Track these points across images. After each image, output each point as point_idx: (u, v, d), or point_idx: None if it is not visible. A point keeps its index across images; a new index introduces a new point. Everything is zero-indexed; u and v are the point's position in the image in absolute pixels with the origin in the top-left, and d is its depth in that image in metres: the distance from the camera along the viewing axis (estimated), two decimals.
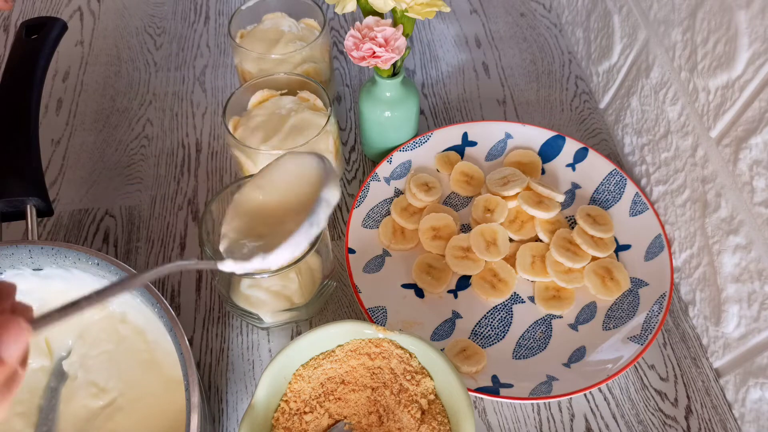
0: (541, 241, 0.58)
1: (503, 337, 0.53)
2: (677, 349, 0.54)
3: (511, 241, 0.58)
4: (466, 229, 0.60)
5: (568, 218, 0.60)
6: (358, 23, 0.53)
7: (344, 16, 0.81)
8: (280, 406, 0.45)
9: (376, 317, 0.52)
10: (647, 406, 0.51)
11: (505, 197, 0.59)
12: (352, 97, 0.73)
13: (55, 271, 0.47)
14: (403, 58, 0.55)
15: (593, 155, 0.62)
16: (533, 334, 0.54)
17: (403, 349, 0.46)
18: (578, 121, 0.70)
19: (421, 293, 0.56)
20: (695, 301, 0.55)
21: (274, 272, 0.46)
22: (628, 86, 0.64)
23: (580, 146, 0.63)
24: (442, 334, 0.53)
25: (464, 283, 0.56)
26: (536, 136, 0.64)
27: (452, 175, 0.63)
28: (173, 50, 0.77)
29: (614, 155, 0.67)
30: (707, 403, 0.51)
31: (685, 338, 0.55)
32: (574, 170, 0.63)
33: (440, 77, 0.75)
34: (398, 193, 0.62)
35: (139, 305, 0.47)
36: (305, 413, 0.45)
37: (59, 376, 0.48)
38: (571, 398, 0.51)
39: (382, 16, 0.53)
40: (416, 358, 0.46)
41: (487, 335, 0.53)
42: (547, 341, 0.53)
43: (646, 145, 0.61)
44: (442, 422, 0.44)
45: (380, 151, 0.64)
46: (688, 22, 0.52)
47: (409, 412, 0.44)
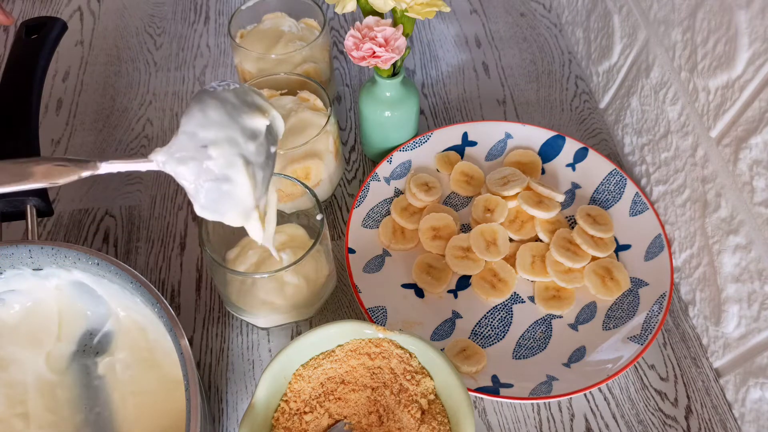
0: (541, 241, 0.58)
1: (503, 337, 0.53)
2: (677, 349, 0.54)
3: (511, 241, 0.58)
4: (466, 229, 0.60)
5: (568, 218, 0.60)
6: (358, 23, 0.53)
7: (344, 16, 0.81)
8: (280, 406, 0.45)
9: (376, 317, 0.52)
10: (647, 406, 0.51)
11: (505, 197, 0.59)
12: (352, 97, 0.73)
13: (55, 271, 0.47)
14: (403, 58, 0.55)
15: (593, 155, 0.62)
16: (533, 334, 0.54)
17: (403, 349, 0.46)
18: (578, 121, 0.70)
19: (421, 293, 0.56)
20: (695, 301, 0.55)
21: (274, 272, 0.46)
22: (628, 86, 0.64)
23: (580, 146, 0.63)
24: (442, 334, 0.53)
25: (464, 283, 0.56)
26: (536, 136, 0.64)
27: (452, 175, 0.63)
28: (173, 50, 0.77)
29: (614, 155, 0.67)
30: (707, 403, 0.51)
31: (685, 338, 0.55)
32: (574, 170, 0.63)
33: (440, 77, 0.75)
34: (398, 193, 0.62)
35: (138, 305, 0.47)
36: (305, 413, 0.45)
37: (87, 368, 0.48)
38: (571, 398, 0.51)
39: (382, 16, 0.53)
40: (416, 358, 0.46)
41: (487, 335, 0.53)
42: (547, 341, 0.53)
43: (646, 145, 0.61)
44: (442, 422, 0.44)
45: (380, 151, 0.64)
46: (688, 22, 0.52)
47: (409, 412, 0.44)
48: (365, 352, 0.47)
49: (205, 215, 0.37)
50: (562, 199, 0.58)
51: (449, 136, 0.65)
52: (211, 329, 0.55)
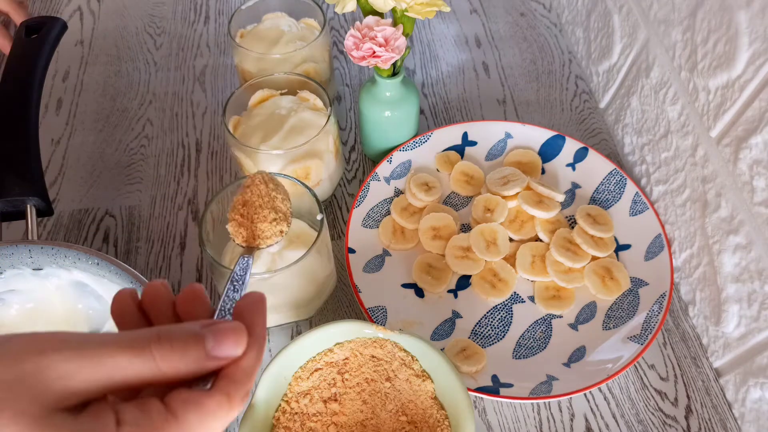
0: (541, 240, 0.58)
1: (503, 336, 0.53)
2: (677, 348, 0.54)
3: (511, 240, 0.58)
4: (466, 228, 0.60)
5: (568, 218, 0.60)
6: (358, 23, 0.53)
7: (344, 15, 0.81)
8: (280, 405, 0.45)
9: (376, 317, 0.52)
10: (647, 405, 0.51)
11: (505, 197, 0.59)
12: (352, 97, 0.73)
13: (55, 271, 0.47)
14: (403, 57, 0.55)
15: (593, 155, 0.62)
16: (533, 333, 0.54)
17: (405, 351, 0.47)
18: (578, 120, 0.70)
19: (421, 293, 0.56)
20: (695, 300, 0.55)
21: (274, 272, 0.46)
22: (628, 86, 0.64)
23: (580, 146, 0.63)
24: (442, 333, 0.53)
25: (464, 282, 0.56)
26: (536, 135, 0.64)
27: (452, 174, 0.63)
28: (173, 50, 0.77)
29: (614, 155, 0.67)
30: (707, 402, 0.51)
31: (685, 338, 0.55)
32: (574, 170, 0.63)
33: (440, 77, 0.75)
34: (398, 192, 0.62)
35: None
36: (306, 413, 0.45)
37: None
38: (571, 398, 0.51)
39: (382, 15, 0.53)
40: (416, 359, 0.46)
41: (487, 335, 0.53)
42: (547, 341, 0.53)
43: (646, 144, 0.61)
44: (442, 422, 0.44)
45: (380, 150, 0.64)
46: (688, 21, 0.52)
47: (410, 411, 0.44)
48: (366, 352, 0.47)
49: None
50: (562, 198, 0.58)
51: (449, 135, 0.65)
52: None
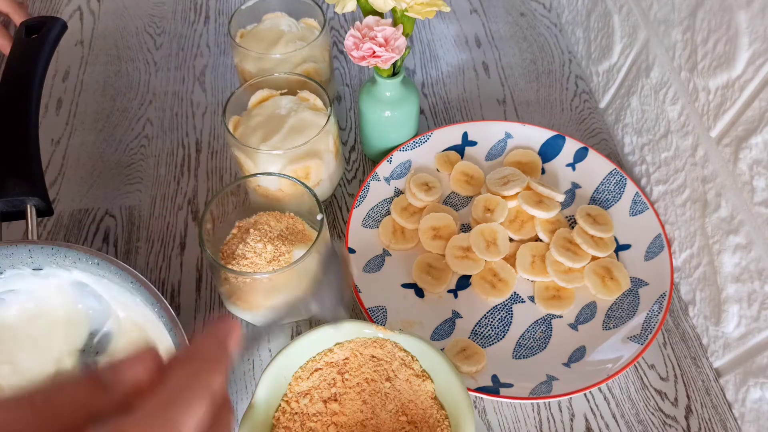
0: (541, 240, 0.58)
1: (503, 336, 0.53)
2: (677, 348, 0.54)
3: (511, 240, 0.58)
4: (466, 228, 0.60)
5: (568, 218, 0.60)
6: (358, 23, 0.53)
7: (344, 15, 0.81)
8: (280, 405, 0.45)
9: (376, 317, 0.52)
10: (647, 405, 0.51)
11: (505, 197, 0.59)
12: (352, 97, 0.73)
13: (55, 271, 0.47)
14: (403, 57, 0.55)
15: (593, 155, 0.62)
16: (533, 333, 0.54)
17: (405, 351, 0.47)
18: (578, 120, 0.70)
19: (421, 293, 0.56)
20: (695, 300, 0.55)
21: (273, 272, 0.46)
22: (628, 86, 0.64)
23: (580, 146, 0.63)
24: (442, 333, 0.53)
25: (464, 282, 0.56)
26: (536, 135, 0.64)
27: (452, 174, 0.63)
28: (173, 50, 0.77)
29: (614, 155, 0.67)
30: (707, 402, 0.51)
31: (685, 338, 0.55)
32: (574, 170, 0.63)
33: (440, 77, 0.75)
34: (398, 192, 0.62)
35: (138, 305, 0.47)
36: (306, 413, 0.45)
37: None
38: (571, 398, 0.51)
39: (382, 15, 0.53)
40: (416, 359, 0.46)
41: (487, 335, 0.53)
42: (547, 341, 0.53)
43: (646, 144, 0.61)
44: (442, 422, 0.44)
45: (380, 150, 0.64)
46: (688, 21, 0.52)
47: (410, 411, 0.44)
48: (366, 352, 0.47)
49: None
50: (562, 198, 0.58)
51: (449, 135, 0.65)
52: None
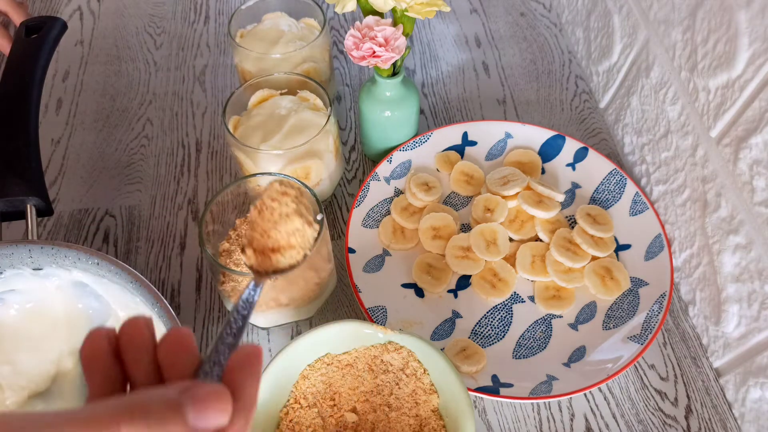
0: (541, 240, 0.58)
1: (503, 336, 0.53)
2: (677, 348, 0.54)
3: (511, 240, 0.58)
4: (466, 228, 0.60)
5: (568, 218, 0.60)
6: (358, 23, 0.53)
7: (344, 15, 0.81)
8: (284, 406, 0.45)
9: (376, 317, 0.52)
10: (647, 405, 0.51)
11: (505, 197, 0.59)
12: (352, 96, 0.73)
13: (55, 271, 0.47)
14: (403, 57, 0.55)
15: (593, 155, 0.62)
16: (533, 333, 0.54)
17: (404, 349, 0.46)
18: (578, 120, 0.70)
19: (421, 293, 0.56)
20: (695, 300, 0.55)
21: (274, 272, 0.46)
22: (628, 86, 0.64)
23: (580, 146, 0.63)
24: (442, 333, 0.53)
25: (464, 282, 0.56)
26: (536, 135, 0.64)
27: (452, 174, 0.63)
28: (173, 50, 0.77)
29: (614, 155, 0.67)
30: (707, 402, 0.51)
31: (685, 338, 0.55)
32: (574, 170, 0.63)
33: (440, 77, 0.75)
34: (398, 192, 0.62)
35: (138, 305, 0.47)
36: (306, 414, 0.45)
37: None
38: (571, 398, 0.51)
39: (382, 15, 0.53)
40: (428, 373, 0.46)
41: (487, 335, 0.53)
42: (547, 341, 0.53)
43: (646, 144, 0.61)
44: (442, 423, 0.44)
45: (380, 150, 0.64)
46: (688, 21, 0.52)
47: (410, 411, 0.44)
48: (368, 353, 0.47)
49: None
50: (562, 198, 0.58)
51: (449, 135, 0.65)
52: (211, 329, 0.55)
